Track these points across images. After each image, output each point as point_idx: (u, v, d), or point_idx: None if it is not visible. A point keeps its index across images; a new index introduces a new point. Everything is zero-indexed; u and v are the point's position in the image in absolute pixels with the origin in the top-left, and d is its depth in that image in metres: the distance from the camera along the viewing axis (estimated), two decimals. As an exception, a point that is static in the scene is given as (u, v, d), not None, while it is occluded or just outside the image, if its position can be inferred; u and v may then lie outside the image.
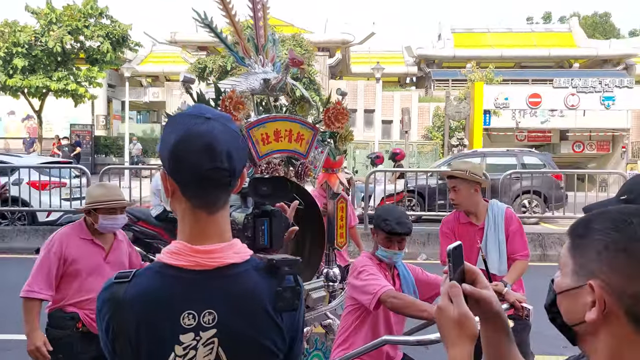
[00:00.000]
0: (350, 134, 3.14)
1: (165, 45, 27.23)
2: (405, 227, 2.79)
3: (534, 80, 27.11)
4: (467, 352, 1.05)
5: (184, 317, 1.14)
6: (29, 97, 19.98)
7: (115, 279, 1.17)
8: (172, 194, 1.21)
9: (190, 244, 1.17)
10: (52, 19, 19.12)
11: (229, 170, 1.17)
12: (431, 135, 24.83)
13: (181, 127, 1.16)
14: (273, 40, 3.12)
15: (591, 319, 0.90)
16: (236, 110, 2.51)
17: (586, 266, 0.92)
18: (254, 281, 1.21)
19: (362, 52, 31.02)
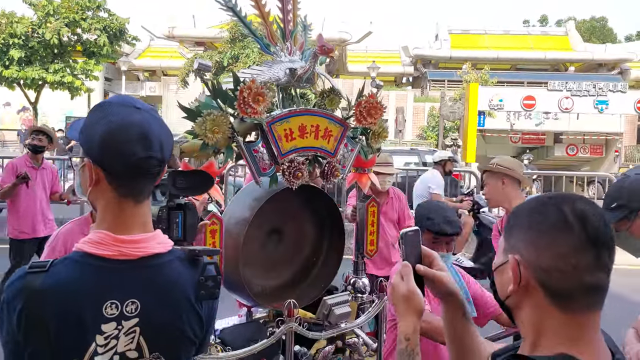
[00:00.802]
0: (385, 131, 2.90)
1: (163, 39, 27.25)
2: (456, 226, 2.52)
3: (529, 82, 27.29)
4: (413, 324, 1.19)
5: (106, 306, 1.14)
6: (24, 88, 19.95)
7: (29, 269, 1.13)
8: (95, 183, 1.19)
9: (113, 233, 1.16)
10: (49, 11, 19.09)
11: (160, 159, 1.19)
12: (425, 135, 24.97)
13: (114, 116, 1.16)
14: (304, 25, 2.86)
15: (510, 290, 0.99)
16: (255, 103, 2.29)
17: (510, 244, 1.02)
18: (178, 271, 1.23)
19: (359, 51, 31.10)
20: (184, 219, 1.51)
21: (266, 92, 2.33)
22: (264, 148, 2.49)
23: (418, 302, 1.19)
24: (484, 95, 22.08)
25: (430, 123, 25.19)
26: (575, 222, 0.95)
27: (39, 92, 20.45)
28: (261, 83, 2.39)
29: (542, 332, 0.97)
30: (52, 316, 1.10)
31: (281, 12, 2.69)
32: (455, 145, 22.46)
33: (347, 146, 2.80)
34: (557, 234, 0.95)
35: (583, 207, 0.97)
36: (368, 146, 2.91)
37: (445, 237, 2.51)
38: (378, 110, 2.74)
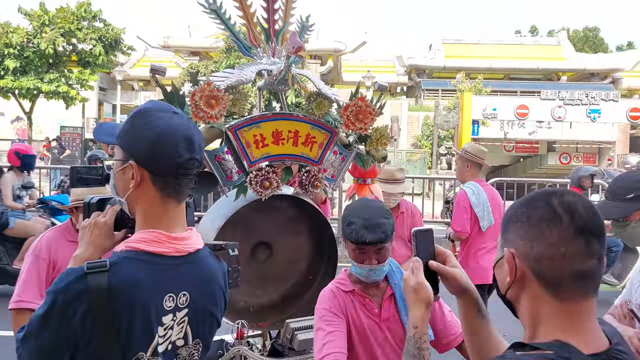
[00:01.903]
0: (384, 137, 2.68)
1: (158, 49, 27.31)
2: (377, 232, 1.89)
3: (522, 92, 27.50)
4: (421, 314, 1.28)
5: (166, 299, 1.22)
6: (19, 98, 19.94)
7: (87, 270, 1.14)
8: (138, 185, 1.23)
9: (165, 232, 1.24)
10: (45, 21, 19.13)
11: (200, 161, 1.28)
12: (420, 144, 25.08)
13: (158, 121, 1.22)
14: (302, 26, 2.70)
15: (508, 281, 1.04)
16: (209, 107, 2.15)
17: (506, 239, 1.08)
18: (212, 264, 1.35)
19: (354, 60, 31.29)
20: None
21: (221, 95, 2.19)
22: (228, 155, 2.34)
23: (426, 293, 1.27)
24: (478, 105, 22.23)
25: (425, 132, 25.32)
26: (563, 213, 0.99)
27: (34, 102, 20.43)
28: (227, 85, 2.28)
29: (539, 321, 1.01)
30: (123, 313, 1.14)
31: (266, 11, 2.54)
32: (449, 154, 22.59)
33: (337, 154, 2.58)
34: (546, 225, 1.00)
35: (571, 199, 1.02)
36: (368, 154, 2.68)
37: (367, 246, 1.91)
38: (368, 114, 2.51)
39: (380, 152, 2.77)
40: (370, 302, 2.01)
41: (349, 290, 2.03)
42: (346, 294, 2.02)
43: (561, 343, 0.95)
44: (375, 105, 2.63)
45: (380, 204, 2.02)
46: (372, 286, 2.03)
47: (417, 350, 1.28)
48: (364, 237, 1.90)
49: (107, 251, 1.32)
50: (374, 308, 2.01)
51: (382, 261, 1.96)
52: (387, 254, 1.97)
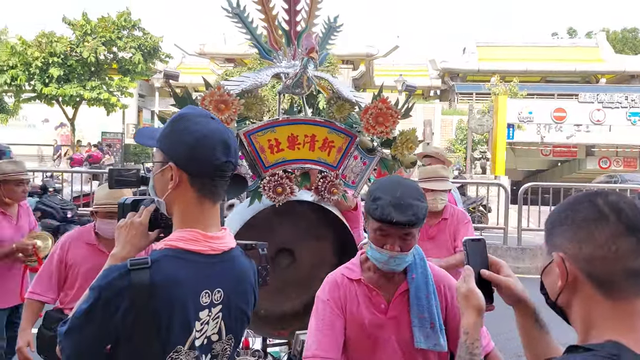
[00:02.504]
0: (410, 142, 2.53)
1: (194, 57, 27.93)
2: (407, 213, 1.65)
3: (559, 94, 26.96)
4: (472, 320, 1.28)
5: (202, 296, 1.28)
6: (63, 105, 20.69)
7: (131, 267, 1.19)
8: (177, 186, 1.29)
9: (202, 231, 1.29)
10: (87, 31, 19.83)
11: (235, 164, 1.34)
12: (454, 148, 24.87)
13: (197, 125, 1.29)
14: (329, 27, 2.62)
15: (559, 286, 1.03)
16: (218, 111, 2.13)
17: (552, 244, 1.07)
18: (244, 262, 1.42)
19: (386, 64, 31.27)
20: None
21: (231, 100, 2.16)
22: (242, 160, 2.30)
23: (476, 300, 1.27)
24: (513, 108, 21.95)
25: (459, 136, 25.09)
26: (610, 213, 0.99)
27: (77, 109, 21.17)
28: (244, 90, 2.24)
29: (592, 323, 1.00)
30: (164, 309, 1.20)
31: (287, 13, 2.47)
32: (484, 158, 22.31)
33: (358, 159, 2.46)
34: (594, 225, 0.99)
35: (615, 198, 1.02)
36: (394, 159, 2.55)
37: (393, 227, 1.67)
38: (389, 116, 2.39)
39: (409, 157, 2.62)
40: (377, 296, 1.79)
41: (356, 279, 1.82)
42: (351, 283, 1.82)
43: (612, 343, 0.94)
44: (403, 107, 2.54)
45: (415, 184, 1.78)
46: (385, 277, 1.79)
47: (469, 356, 1.28)
48: (390, 215, 1.64)
49: (142, 250, 1.40)
50: (380, 303, 1.79)
51: (406, 249, 1.70)
52: (414, 241, 1.72)
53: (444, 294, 1.83)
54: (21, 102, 21.45)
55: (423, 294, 1.78)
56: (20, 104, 21.81)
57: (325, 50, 2.69)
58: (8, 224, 3.56)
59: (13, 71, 19.28)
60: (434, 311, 1.77)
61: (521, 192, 9.87)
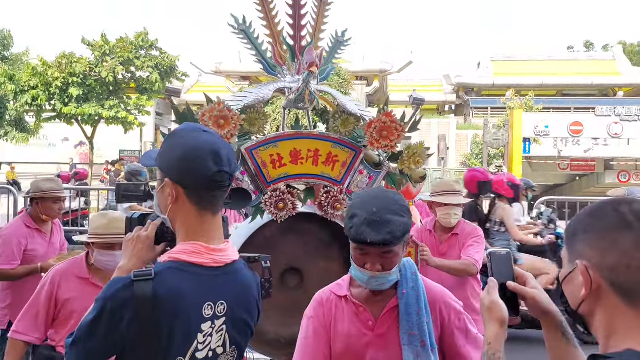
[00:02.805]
0: (417, 155, 2.48)
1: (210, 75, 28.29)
2: (382, 232, 1.55)
3: (575, 108, 26.72)
4: (495, 332, 1.25)
5: (205, 308, 1.29)
6: (82, 124, 21.07)
7: (134, 278, 1.22)
8: (175, 200, 1.31)
9: (204, 243, 1.31)
10: (106, 51, 20.27)
11: (230, 173, 1.34)
12: (469, 163, 24.73)
13: (187, 139, 1.32)
14: (336, 40, 2.58)
15: (584, 294, 1.02)
16: (218, 127, 2.13)
17: (575, 252, 1.06)
18: (247, 275, 1.43)
19: (400, 80, 31.35)
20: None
21: (231, 115, 2.15)
22: (244, 175, 2.29)
23: (499, 312, 1.25)
24: (529, 122, 21.80)
25: (474, 150, 24.97)
26: (634, 221, 0.98)
27: (95, 128, 21.55)
28: (245, 105, 2.23)
29: (613, 332, 0.99)
30: (166, 320, 1.22)
31: (292, 28, 2.47)
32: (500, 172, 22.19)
33: (364, 173, 2.41)
34: (618, 233, 0.98)
35: (639, 206, 1.01)
36: (402, 174, 2.49)
37: (368, 247, 1.58)
38: (394, 130, 2.35)
39: (418, 171, 2.55)
40: (364, 313, 1.71)
41: (343, 295, 1.76)
42: (338, 300, 1.76)
43: (632, 351, 0.94)
44: (410, 120, 2.50)
45: (397, 197, 1.68)
46: (375, 292, 1.70)
47: None
48: (364, 235, 1.55)
49: (148, 263, 1.41)
50: (367, 320, 1.71)
51: (388, 268, 1.62)
52: (397, 259, 1.62)
53: (439, 310, 1.74)
54: (42, 121, 21.92)
55: (414, 310, 1.68)
56: (40, 123, 22.27)
57: (332, 64, 2.66)
58: (42, 241, 3.66)
59: (34, 91, 19.75)
60: (425, 328, 1.68)
61: (537, 205, 9.76)
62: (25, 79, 19.77)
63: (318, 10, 2.45)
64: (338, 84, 18.65)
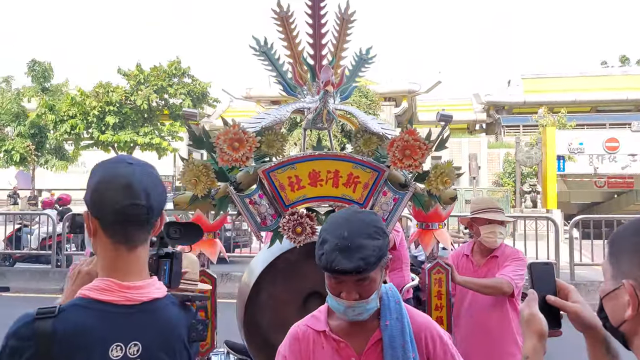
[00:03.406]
0: (445, 175, 2.37)
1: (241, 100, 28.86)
2: (354, 258, 1.43)
3: (611, 124, 26.16)
4: (533, 345, 1.21)
5: (112, 349, 1.22)
6: (118, 150, 21.71)
7: (37, 315, 1.18)
8: (94, 233, 1.28)
9: (118, 280, 1.25)
10: (140, 80, 20.95)
11: (147, 207, 1.27)
12: (502, 182, 24.35)
13: (104, 171, 1.29)
14: (360, 58, 2.52)
15: (629, 315, 1.00)
16: (233, 150, 2.10)
17: (621, 269, 1.04)
18: (173, 314, 1.34)
19: (429, 100, 31.31)
20: (171, 267, 1.57)
21: (246, 137, 2.11)
22: (262, 198, 2.23)
23: (538, 325, 1.22)
24: (563, 139, 21.42)
25: (507, 169, 24.60)
26: None
27: (130, 154, 22.14)
28: (263, 127, 2.19)
29: None
30: (66, 358, 1.18)
31: (312, 47, 2.42)
32: (534, 191, 21.74)
33: (388, 195, 2.30)
34: None
35: None
36: (429, 195, 2.38)
37: (340, 275, 1.47)
38: (417, 149, 2.25)
39: (447, 192, 2.42)
40: (345, 349, 1.57)
41: (320, 330, 1.61)
42: (316, 335, 1.61)
43: None
44: (438, 138, 2.40)
45: (372, 217, 1.55)
46: (356, 324, 1.56)
47: None
48: (334, 263, 1.43)
49: None
50: (350, 356, 1.57)
51: (365, 296, 1.49)
52: (374, 286, 1.50)
53: (425, 343, 1.61)
54: (80, 149, 22.67)
55: (398, 344, 1.55)
56: (79, 151, 23.03)
57: (355, 82, 2.59)
58: None
59: (73, 120, 20.50)
60: None
61: (572, 225, 9.54)
62: (64, 108, 20.57)
63: (340, 29, 2.42)
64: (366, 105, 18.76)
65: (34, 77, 22.60)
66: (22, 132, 22.52)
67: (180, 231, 1.61)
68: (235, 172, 2.27)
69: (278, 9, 2.36)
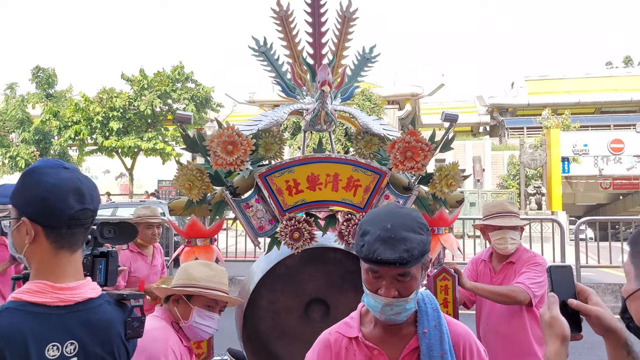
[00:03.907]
0: (450, 177, 2.27)
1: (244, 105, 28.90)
2: (398, 249, 1.36)
3: (615, 125, 26.06)
4: (555, 349, 1.19)
5: (48, 349, 1.24)
6: (122, 156, 21.76)
7: None
8: (33, 239, 1.29)
9: (53, 282, 1.28)
10: (144, 85, 21.00)
11: (93, 210, 1.34)
12: (507, 184, 24.27)
13: (47, 177, 1.29)
14: (363, 57, 2.45)
15: None
16: (227, 153, 2.03)
17: None
18: (109, 312, 1.37)
19: (433, 103, 31.28)
20: (107, 266, 1.58)
21: (240, 140, 2.04)
22: (258, 203, 2.17)
23: (560, 328, 1.20)
24: (567, 141, 21.37)
25: (511, 171, 24.52)
26: None
27: (135, 159, 22.20)
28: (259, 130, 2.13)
29: None
30: None
31: (312, 46, 2.36)
32: (538, 193, 21.66)
33: (390, 198, 2.22)
34: None
35: None
36: (434, 198, 2.29)
37: (383, 266, 1.38)
38: (420, 150, 2.15)
39: (453, 195, 2.32)
40: (379, 356, 1.48)
41: (353, 337, 1.52)
42: (349, 342, 1.52)
43: None
44: (443, 138, 2.31)
45: (415, 213, 1.49)
46: (390, 331, 1.49)
47: None
48: (377, 252, 1.35)
49: None
50: None
51: (405, 294, 1.41)
52: (414, 284, 1.42)
53: (463, 355, 1.52)
54: (84, 155, 22.73)
55: (437, 353, 1.47)
56: (83, 157, 23.09)
57: (357, 82, 2.51)
58: (144, 263, 3.94)
59: (77, 126, 20.56)
60: None
61: (577, 227, 9.48)
62: (68, 114, 20.64)
63: (341, 27, 2.36)
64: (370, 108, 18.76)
65: (38, 83, 22.69)
66: (26, 139, 22.62)
67: (115, 231, 1.63)
68: (234, 177, 2.22)
69: (277, 8, 2.32)
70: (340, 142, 17.70)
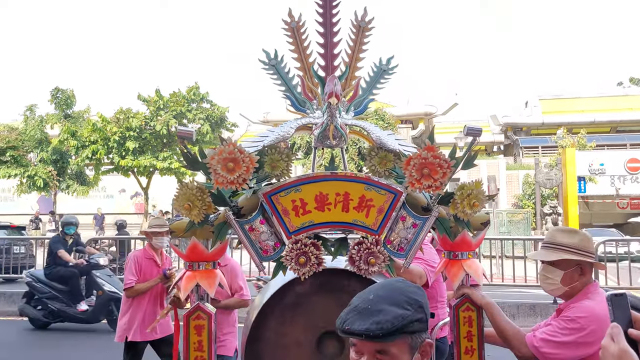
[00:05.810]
0: (472, 197, 2.00)
1: (258, 124, 29.17)
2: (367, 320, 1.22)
3: (632, 144, 25.80)
4: None
5: None
6: (137, 175, 21.99)
7: None
8: None
9: None
10: (160, 105, 21.31)
11: None
12: (522, 204, 24.06)
13: None
14: (379, 69, 2.28)
15: None
16: (227, 171, 1.90)
17: None
18: None
19: (446, 122, 31.29)
20: None
21: (242, 157, 1.90)
22: (263, 225, 2.00)
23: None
24: (583, 160, 21.17)
25: (526, 191, 24.33)
26: None
27: (150, 179, 22.41)
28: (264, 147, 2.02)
29: None
30: None
31: (323, 58, 2.20)
32: (555, 213, 21.41)
33: (407, 220, 2.01)
34: None
35: None
36: (457, 220, 2.05)
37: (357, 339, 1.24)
38: (437, 167, 1.92)
39: (478, 216, 2.08)
40: None
41: None
42: None
43: None
44: (465, 154, 2.13)
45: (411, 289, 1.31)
46: None
47: None
48: (346, 322, 1.23)
49: None
50: None
51: None
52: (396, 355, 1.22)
53: None
54: (100, 174, 23.02)
55: None
56: (99, 176, 23.39)
57: (372, 95, 2.36)
58: (155, 267, 4.64)
59: (94, 146, 20.88)
60: None
61: (596, 248, 9.35)
62: (86, 134, 20.98)
63: (356, 38, 2.22)
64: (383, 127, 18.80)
65: (57, 104, 23.16)
66: (44, 158, 23.00)
67: None
68: (239, 196, 2.09)
69: (289, 19, 2.21)
70: (354, 161, 17.73)
